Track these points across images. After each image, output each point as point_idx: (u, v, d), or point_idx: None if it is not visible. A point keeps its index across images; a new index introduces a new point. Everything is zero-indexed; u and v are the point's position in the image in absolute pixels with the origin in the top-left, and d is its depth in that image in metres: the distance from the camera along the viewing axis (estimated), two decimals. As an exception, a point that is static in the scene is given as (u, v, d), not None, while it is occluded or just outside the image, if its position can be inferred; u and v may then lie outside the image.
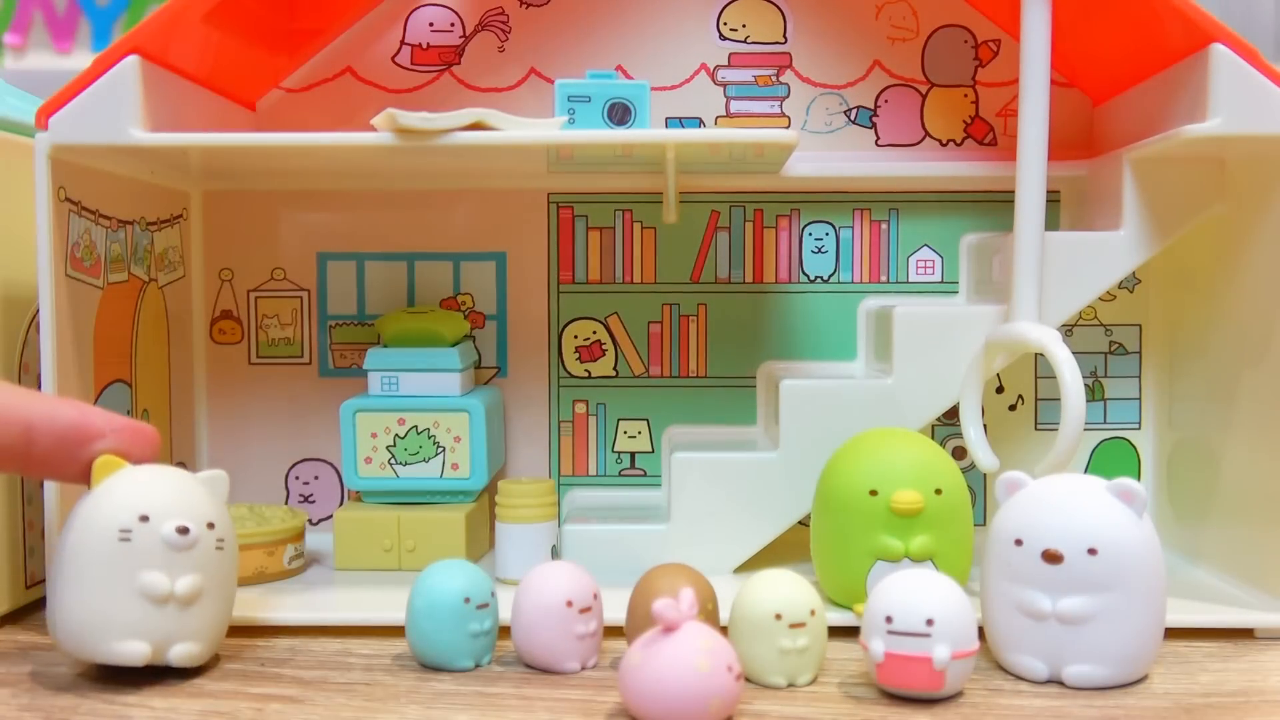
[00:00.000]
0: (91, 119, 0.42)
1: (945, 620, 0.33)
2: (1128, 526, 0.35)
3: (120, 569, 0.35)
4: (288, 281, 0.56)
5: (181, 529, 0.35)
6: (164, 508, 0.35)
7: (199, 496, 0.36)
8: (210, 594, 0.36)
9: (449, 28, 0.55)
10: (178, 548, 0.35)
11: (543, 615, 0.36)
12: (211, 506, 0.37)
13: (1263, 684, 0.36)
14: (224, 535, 0.36)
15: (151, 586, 0.35)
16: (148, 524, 0.35)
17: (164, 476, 0.37)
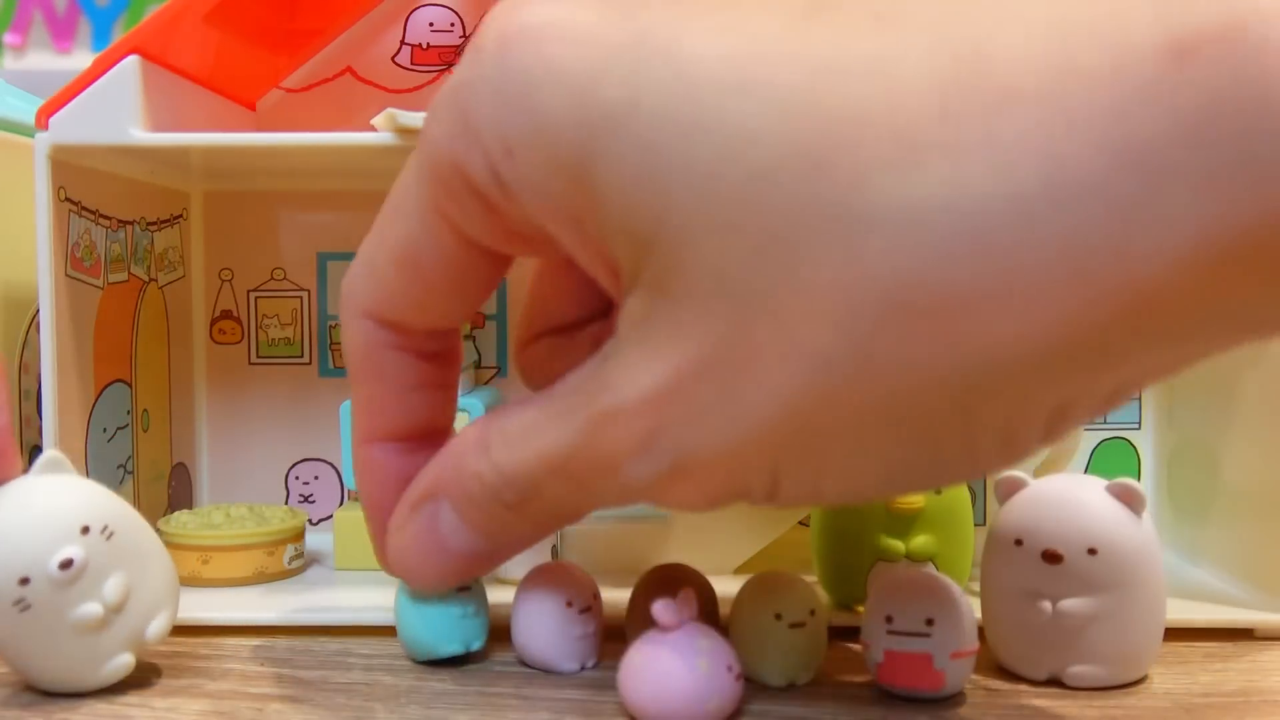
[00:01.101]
0: (91, 119, 0.42)
1: (945, 620, 0.33)
2: (1128, 526, 0.35)
3: (46, 629, 0.33)
4: (288, 281, 0.56)
5: (63, 564, 0.32)
6: (31, 557, 0.32)
7: (55, 510, 0.33)
8: (136, 572, 0.34)
9: (449, 28, 0.55)
10: (74, 576, 0.33)
11: (542, 615, 0.36)
12: (72, 507, 0.34)
13: (1262, 684, 0.36)
14: (105, 520, 0.34)
15: (87, 618, 0.33)
16: (31, 585, 0.32)
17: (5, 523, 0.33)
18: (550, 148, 0.25)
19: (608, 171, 0.25)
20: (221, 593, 0.45)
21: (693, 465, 0.26)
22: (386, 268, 0.31)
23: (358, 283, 0.32)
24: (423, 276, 0.31)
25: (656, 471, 0.27)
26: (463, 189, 0.28)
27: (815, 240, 0.23)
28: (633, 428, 0.26)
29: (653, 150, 0.24)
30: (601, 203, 0.25)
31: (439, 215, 0.29)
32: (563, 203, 0.26)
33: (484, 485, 0.30)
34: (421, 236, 0.30)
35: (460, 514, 0.32)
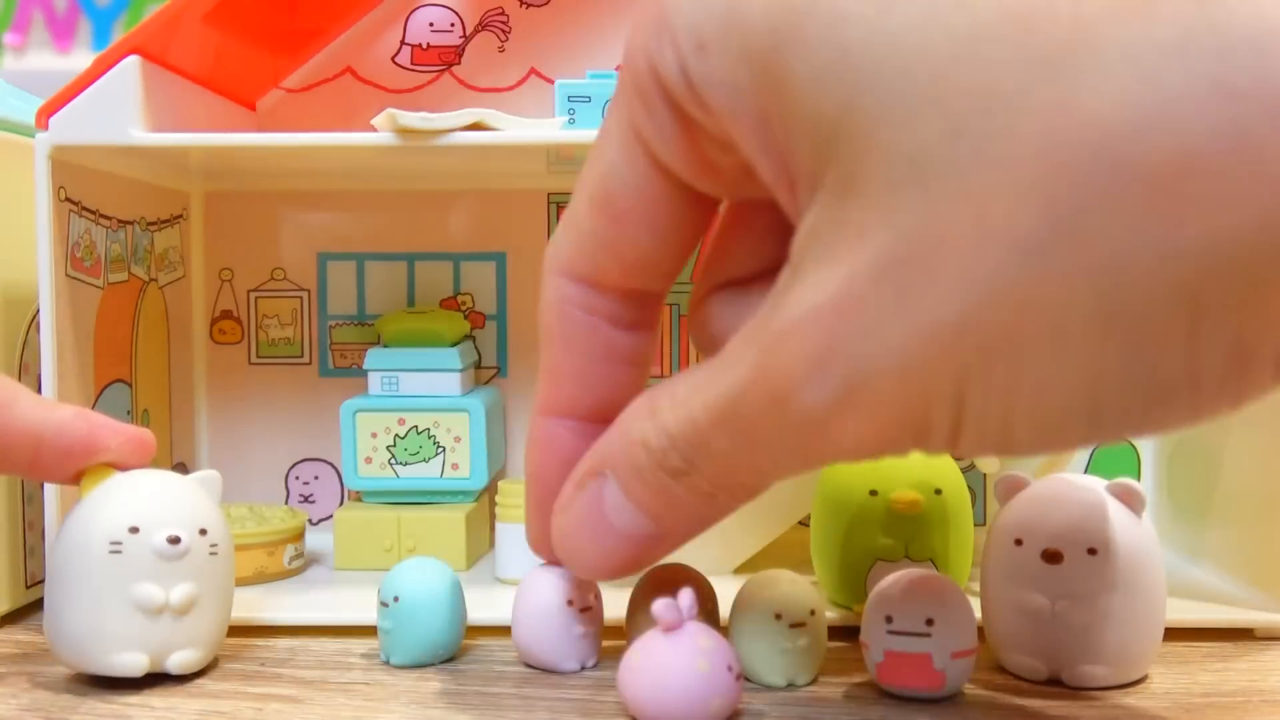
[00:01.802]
0: (91, 119, 0.42)
1: (945, 620, 0.33)
2: (1128, 526, 0.35)
3: (113, 582, 0.34)
4: (288, 281, 0.56)
5: (172, 539, 0.35)
6: (154, 518, 0.35)
7: (191, 502, 0.36)
8: (206, 600, 0.36)
9: (449, 28, 0.55)
10: (169, 557, 0.35)
11: (543, 615, 0.36)
12: (204, 511, 0.36)
13: (1263, 684, 0.36)
14: (217, 540, 0.36)
15: (145, 599, 0.34)
16: (138, 535, 0.34)
17: (154, 484, 0.36)
18: (742, 38, 0.24)
19: (799, 58, 0.23)
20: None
21: (868, 387, 0.24)
22: (583, 213, 0.30)
23: (557, 238, 0.31)
24: (616, 214, 0.29)
25: (829, 396, 0.24)
26: (656, 95, 0.27)
27: (1024, 104, 0.21)
28: (804, 346, 0.24)
29: (847, 31, 0.23)
30: (790, 94, 0.24)
31: (633, 136, 0.28)
32: (750, 99, 0.25)
33: (650, 452, 0.28)
34: (617, 164, 0.29)
35: (625, 489, 0.30)
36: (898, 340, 0.23)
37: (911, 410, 0.24)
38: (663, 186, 0.29)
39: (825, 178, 0.24)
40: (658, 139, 0.28)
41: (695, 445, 0.28)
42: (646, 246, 0.30)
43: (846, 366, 0.24)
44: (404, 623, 0.37)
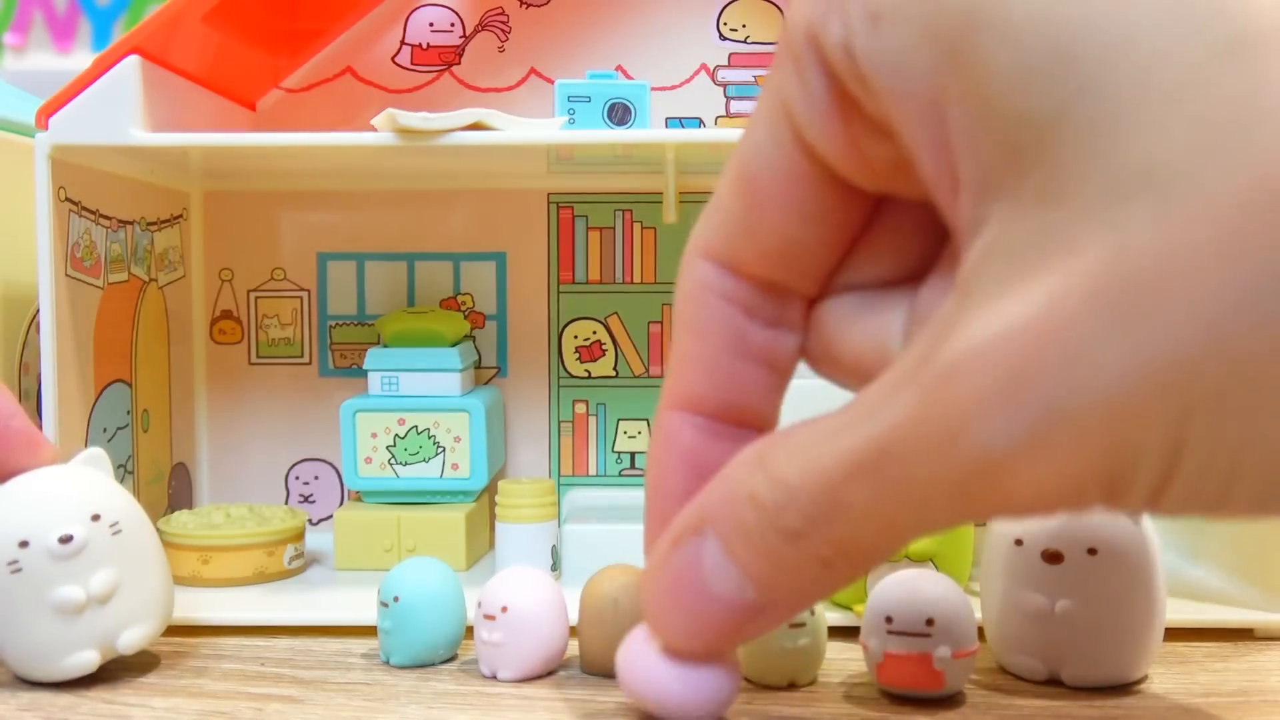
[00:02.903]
0: (91, 119, 0.42)
1: (945, 620, 0.33)
2: (1127, 526, 0.35)
3: (27, 597, 0.34)
4: (288, 281, 0.56)
5: (64, 539, 0.34)
6: (37, 524, 0.34)
7: (73, 493, 0.35)
8: (130, 574, 0.35)
9: (449, 28, 0.55)
10: (71, 554, 0.34)
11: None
12: (93, 495, 0.35)
13: (1262, 684, 0.36)
14: (117, 518, 0.35)
15: (65, 602, 0.34)
16: (29, 548, 0.34)
17: (27, 490, 0.35)
18: (930, 13, 0.22)
19: (1000, 46, 0.21)
20: (221, 593, 0.45)
21: (1065, 427, 0.20)
22: (726, 192, 0.27)
23: (702, 219, 0.28)
24: (757, 195, 0.26)
25: (1014, 435, 0.21)
26: (813, 68, 0.24)
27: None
28: (988, 375, 0.21)
29: (1073, 22, 0.20)
30: (985, 85, 0.21)
31: (782, 112, 0.26)
32: (926, 84, 0.22)
33: (759, 508, 0.25)
34: (762, 141, 0.26)
35: (728, 550, 0.26)
36: (1112, 372, 0.20)
37: (1113, 459, 0.21)
38: (808, 170, 0.26)
39: (1022, 184, 0.21)
40: (808, 117, 0.25)
41: (821, 501, 0.24)
42: (787, 233, 0.27)
43: (1041, 400, 0.20)
44: (404, 623, 0.37)
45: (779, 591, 0.26)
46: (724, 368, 0.28)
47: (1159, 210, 0.19)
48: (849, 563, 0.25)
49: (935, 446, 0.22)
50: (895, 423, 0.22)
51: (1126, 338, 0.20)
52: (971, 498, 0.22)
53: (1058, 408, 0.20)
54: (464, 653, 0.39)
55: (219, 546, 0.46)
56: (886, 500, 0.23)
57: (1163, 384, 0.20)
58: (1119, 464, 0.21)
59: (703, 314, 0.28)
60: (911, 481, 0.23)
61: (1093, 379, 0.20)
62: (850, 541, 0.24)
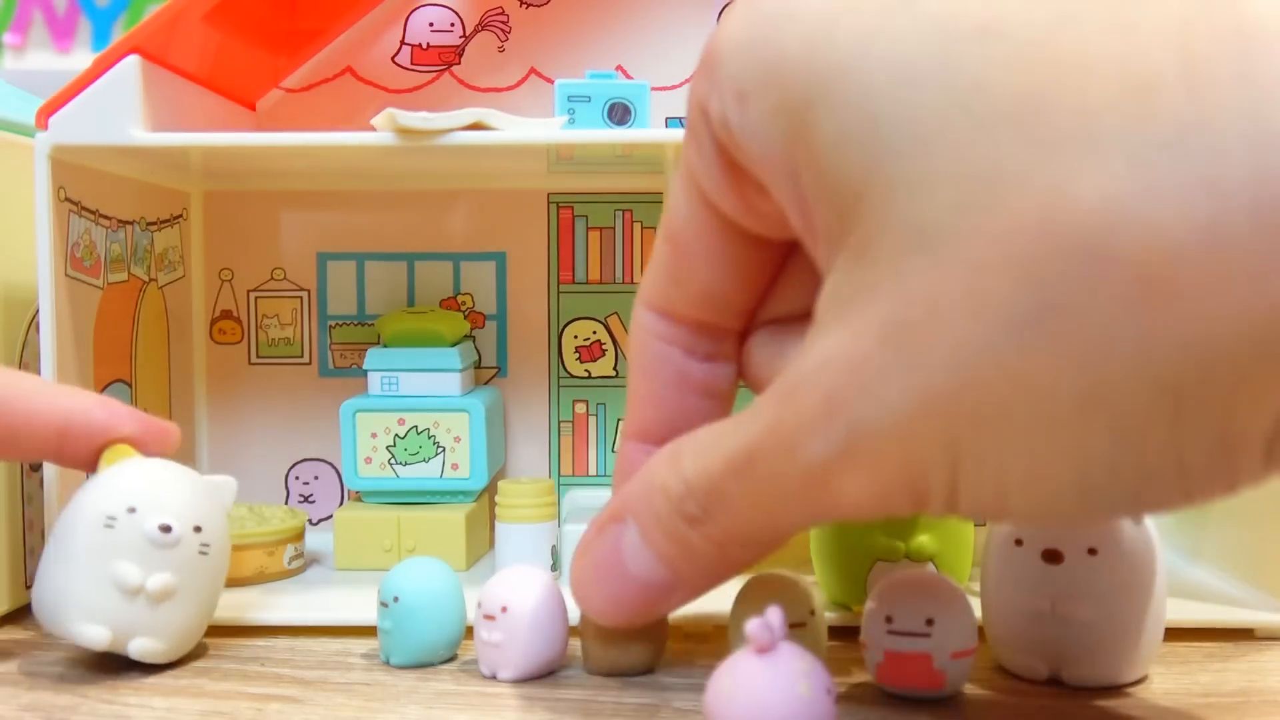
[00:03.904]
0: (91, 119, 0.42)
1: (945, 620, 0.33)
2: (1127, 526, 0.35)
3: (98, 554, 0.35)
4: (288, 281, 0.56)
5: (164, 527, 0.35)
6: (153, 503, 0.36)
7: (194, 498, 0.37)
8: (185, 595, 0.36)
9: (449, 28, 0.55)
10: (158, 544, 0.35)
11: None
12: (205, 510, 0.37)
13: (1263, 684, 0.36)
14: (211, 541, 0.37)
15: (123, 577, 0.35)
16: (133, 515, 0.35)
17: (163, 473, 0.37)
18: (778, 92, 0.25)
19: (828, 119, 0.24)
20: (221, 593, 0.45)
21: (867, 443, 0.24)
22: (659, 249, 0.31)
23: (645, 271, 0.32)
24: (679, 247, 0.31)
25: (832, 449, 0.25)
26: (705, 137, 0.28)
27: (1024, 184, 0.22)
28: (812, 397, 0.25)
29: (877, 98, 0.23)
30: (818, 153, 0.24)
31: (690, 176, 0.29)
32: (782, 152, 0.26)
33: (668, 498, 0.29)
34: (679, 201, 0.30)
35: (644, 535, 0.30)
36: (895, 401, 0.24)
37: (908, 471, 0.24)
38: (715, 224, 0.30)
39: (848, 239, 0.25)
40: (706, 179, 0.29)
41: (710, 493, 0.28)
42: (707, 279, 0.31)
43: (846, 422, 0.24)
44: (404, 623, 0.37)
45: (686, 572, 0.30)
46: (670, 401, 0.32)
47: (929, 263, 0.23)
48: (740, 548, 0.29)
49: (782, 454, 0.26)
50: (759, 431, 0.27)
51: (903, 373, 0.23)
52: (812, 501, 0.26)
53: (859, 430, 0.24)
54: (464, 653, 0.39)
55: (219, 546, 0.46)
56: (756, 495, 0.27)
57: (933, 413, 0.23)
58: (914, 476, 0.24)
59: (647, 356, 0.32)
60: (771, 481, 0.27)
61: (881, 406, 0.24)
62: (736, 528, 0.29)
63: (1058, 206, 0.21)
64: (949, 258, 0.22)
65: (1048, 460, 0.23)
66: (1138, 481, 0.23)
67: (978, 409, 0.23)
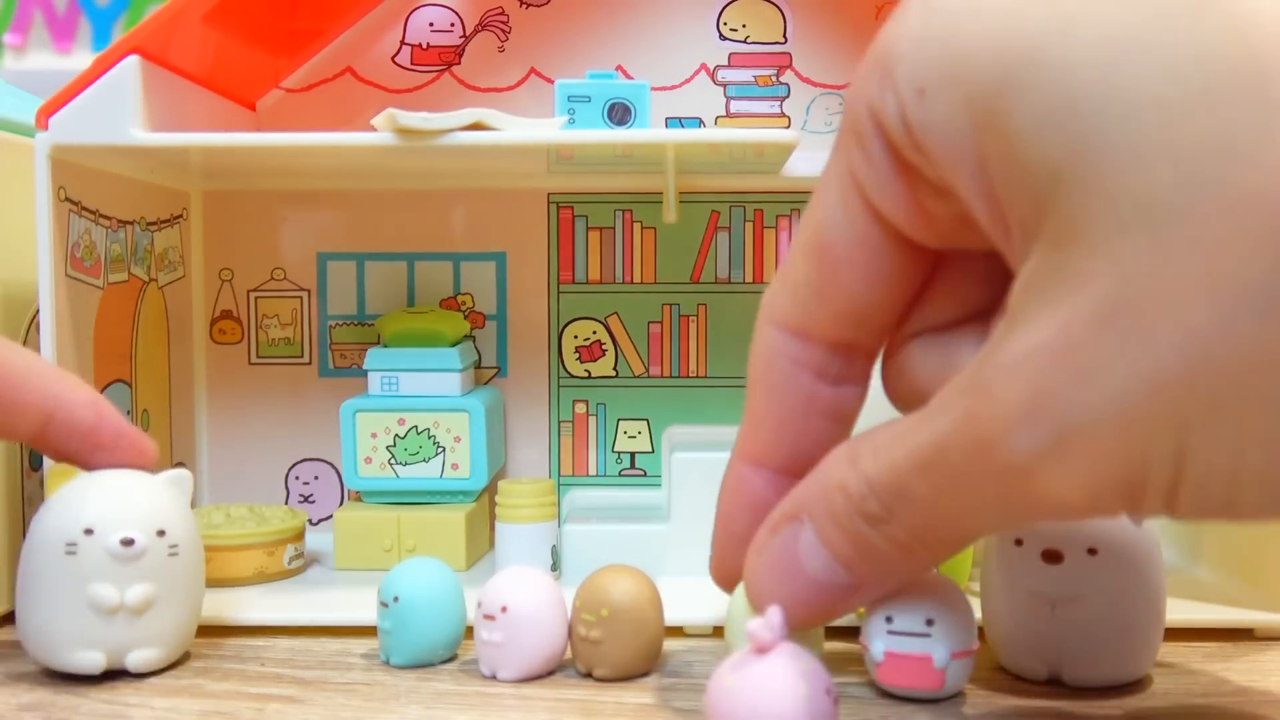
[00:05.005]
0: (91, 119, 0.42)
1: (945, 620, 0.33)
2: (1127, 526, 0.35)
3: (69, 582, 0.35)
4: (288, 281, 0.56)
5: (125, 541, 0.35)
6: (109, 519, 0.35)
7: (151, 503, 0.36)
8: (167, 599, 0.36)
9: (449, 28, 0.55)
10: (124, 559, 0.35)
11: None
12: (166, 512, 0.36)
13: (1263, 684, 0.36)
14: (179, 540, 0.36)
15: (100, 599, 0.35)
16: (92, 537, 0.35)
17: (113, 485, 0.36)
18: (964, 83, 0.25)
19: (1023, 104, 0.23)
20: (221, 593, 0.45)
21: (1081, 437, 0.23)
22: (798, 262, 0.30)
23: (773, 288, 0.31)
24: (832, 261, 0.29)
25: (1038, 445, 0.23)
26: (875, 141, 0.27)
27: (1261, 154, 0.21)
28: (1016, 391, 0.24)
29: (1077, 79, 0.23)
30: (1012, 140, 0.24)
31: (851, 182, 0.28)
32: (969, 144, 0.25)
33: (848, 497, 0.28)
34: (834, 212, 0.29)
35: (821, 535, 0.29)
36: (1117, 389, 0.22)
37: (1127, 466, 0.23)
38: (878, 234, 0.29)
39: (1045, 225, 0.24)
40: (875, 185, 0.28)
41: (895, 492, 0.27)
42: (860, 295, 0.30)
43: (1059, 414, 0.23)
44: (404, 623, 0.37)
45: (864, 573, 0.30)
46: (794, 426, 0.31)
47: (1151, 243, 0.22)
48: (925, 548, 0.28)
49: (976, 451, 0.25)
50: (949, 428, 0.26)
51: (1127, 358, 0.22)
52: (1010, 500, 0.25)
53: (1072, 421, 0.23)
54: (464, 653, 0.39)
55: (219, 546, 0.46)
56: (944, 494, 0.26)
57: (1161, 399, 0.22)
58: (1131, 472, 0.23)
59: (774, 377, 0.31)
60: (962, 479, 0.26)
61: (1100, 395, 0.22)
62: (922, 528, 0.28)
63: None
64: (1175, 235, 0.21)
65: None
66: None
67: (1211, 392, 0.22)
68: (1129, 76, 0.22)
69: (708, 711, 0.29)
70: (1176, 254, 0.21)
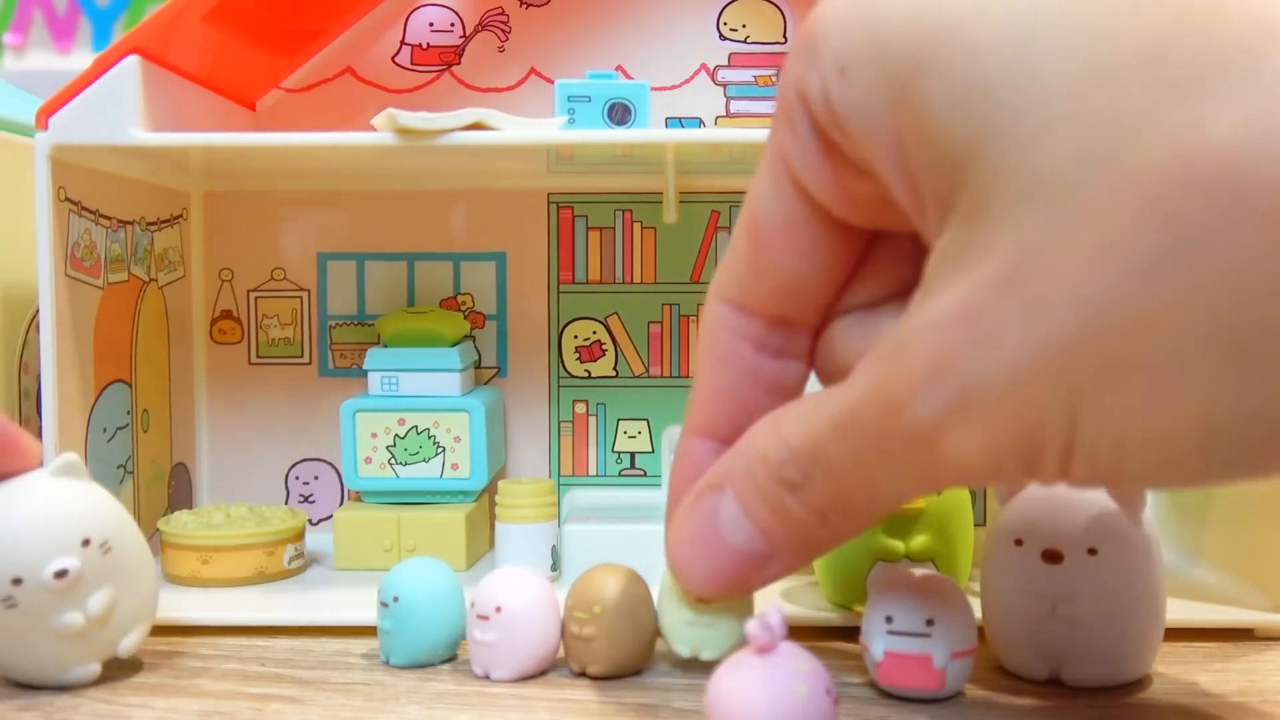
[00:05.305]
0: (91, 119, 0.42)
1: (945, 620, 0.33)
2: (1128, 526, 0.35)
3: (26, 628, 0.34)
4: (288, 281, 0.56)
5: (59, 574, 0.33)
6: (29, 561, 0.33)
7: (61, 519, 0.34)
8: (125, 588, 0.35)
9: (449, 28, 0.55)
10: (67, 587, 0.34)
11: None
12: (77, 516, 0.34)
13: (1263, 684, 0.36)
14: (105, 535, 0.35)
15: (66, 627, 0.34)
16: (23, 585, 0.33)
17: (12, 520, 0.34)
18: (882, 60, 0.25)
19: (938, 82, 0.24)
20: (221, 593, 0.45)
21: (980, 400, 0.24)
22: (738, 237, 0.31)
23: (719, 267, 0.32)
24: (763, 238, 0.30)
25: (940, 407, 0.24)
26: (801, 120, 0.28)
27: (1152, 127, 0.21)
28: (921, 356, 0.24)
29: (989, 57, 0.23)
30: (927, 118, 0.24)
31: (780, 161, 0.29)
32: (887, 122, 0.25)
33: (768, 465, 0.29)
34: (765, 190, 0.30)
35: (742, 503, 0.30)
36: (1012, 353, 0.23)
37: (1023, 429, 0.24)
38: (807, 213, 0.29)
39: (957, 200, 0.24)
40: (801, 164, 0.29)
41: (813, 457, 0.28)
42: (792, 272, 0.30)
43: (960, 377, 0.24)
44: (403, 623, 0.37)
45: (784, 541, 0.30)
46: (736, 397, 0.32)
47: (1049, 215, 0.22)
48: (840, 515, 0.29)
49: (886, 415, 0.26)
50: (862, 393, 0.26)
51: (1023, 324, 0.23)
52: (918, 464, 0.26)
53: (972, 384, 0.24)
54: (463, 653, 0.39)
55: (219, 546, 0.46)
56: (859, 459, 0.27)
57: (1054, 364, 0.23)
58: (1028, 436, 0.24)
59: (717, 350, 0.32)
60: (874, 444, 0.26)
61: (999, 361, 0.23)
62: (837, 494, 0.28)
63: (1190, 147, 0.21)
64: (1072, 205, 0.22)
65: (1170, 411, 0.22)
66: (1264, 434, 0.22)
67: (1100, 358, 0.22)
68: (1036, 55, 0.23)
69: (708, 712, 0.29)
70: (1071, 225, 0.22)
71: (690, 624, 0.35)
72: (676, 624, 0.35)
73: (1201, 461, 0.23)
